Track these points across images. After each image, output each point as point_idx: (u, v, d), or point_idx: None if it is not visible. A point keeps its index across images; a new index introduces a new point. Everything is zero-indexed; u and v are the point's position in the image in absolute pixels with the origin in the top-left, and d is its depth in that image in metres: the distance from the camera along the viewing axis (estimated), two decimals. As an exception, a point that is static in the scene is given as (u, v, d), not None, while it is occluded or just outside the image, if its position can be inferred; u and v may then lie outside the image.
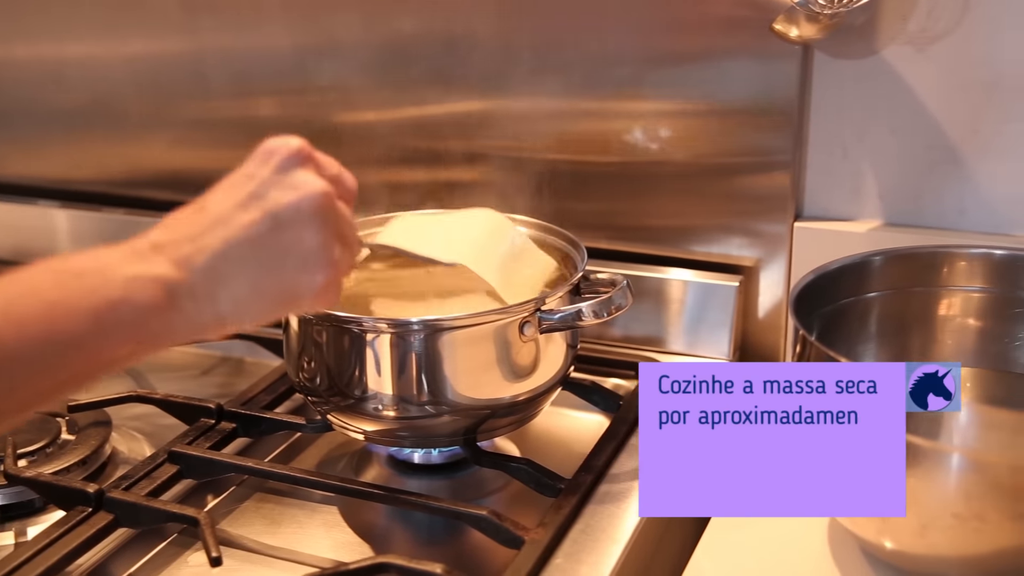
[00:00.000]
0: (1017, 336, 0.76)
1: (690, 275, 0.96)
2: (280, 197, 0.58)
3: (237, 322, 0.59)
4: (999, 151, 0.88)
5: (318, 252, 0.59)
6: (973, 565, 0.64)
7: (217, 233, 0.57)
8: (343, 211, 0.62)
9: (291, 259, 0.59)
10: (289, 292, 0.60)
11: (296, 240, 0.58)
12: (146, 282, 0.54)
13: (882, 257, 0.76)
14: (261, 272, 0.58)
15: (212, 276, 0.57)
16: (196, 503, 0.79)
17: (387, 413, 0.76)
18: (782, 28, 0.84)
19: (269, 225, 0.58)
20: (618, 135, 0.96)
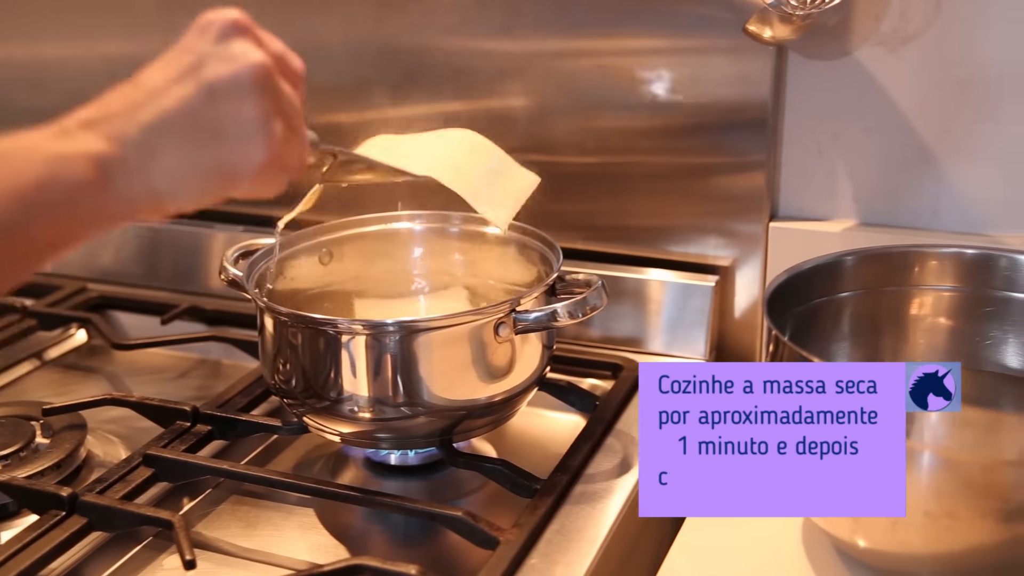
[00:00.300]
0: (988, 335, 0.77)
1: (666, 275, 0.96)
2: (216, 68, 0.56)
3: (173, 199, 0.57)
4: (971, 150, 0.88)
5: (256, 125, 0.57)
6: (945, 562, 0.64)
7: (151, 107, 0.55)
8: (285, 89, 0.59)
9: (227, 132, 0.57)
10: (226, 167, 0.57)
11: (232, 112, 0.56)
12: (75, 159, 0.53)
13: (854, 257, 0.77)
14: (196, 146, 0.56)
15: (145, 150, 0.55)
16: (172, 506, 0.79)
17: (363, 415, 0.76)
18: (756, 29, 0.85)
19: (204, 97, 0.56)
20: (594, 136, 0.96)
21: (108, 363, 1.04)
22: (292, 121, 0.60)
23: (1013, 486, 0.60)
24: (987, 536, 0.61)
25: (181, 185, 0.57)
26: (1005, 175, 0.88)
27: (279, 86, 0.58)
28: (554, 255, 0.83)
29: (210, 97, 0.56)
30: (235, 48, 0.57)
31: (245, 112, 0.56)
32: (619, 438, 0.83)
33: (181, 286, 1.13)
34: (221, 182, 0.58)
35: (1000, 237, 0.89)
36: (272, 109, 0.58)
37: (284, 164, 0.60)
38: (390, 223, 0.91)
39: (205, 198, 0.59)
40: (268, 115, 0.57)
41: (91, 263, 1.18)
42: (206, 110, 0.56)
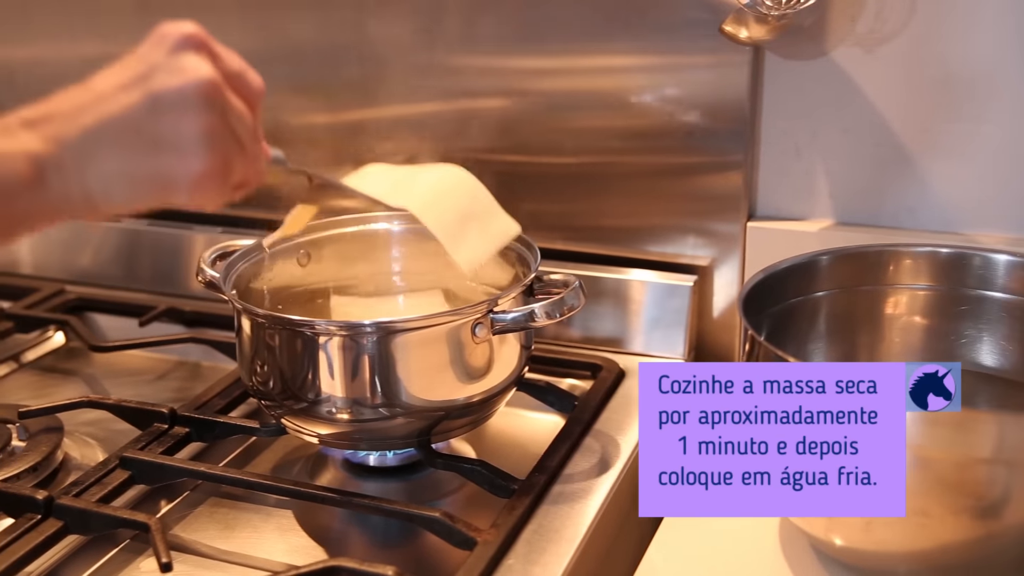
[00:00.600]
0: (963, 333, 0.77)
1: (645, 275, 0.96)
2: (164, 80, 0.57)
3: (107, 203, 0.58)
4: (947, 150, 0.89)
5: (196, 139, 0.57)
6: (919, 560, 0.64)
7: (94, 111, 0.56)
8: (236, 106, 0.60)
9: (166, 144, 0.57)
10: (161, 177, 0.58)
11: (173, 124, 0.57)
12: (13, 157, 0.54)
13: (829, 257, 0.77)
14: (133, 153, 0.57)
15: (82, 153, 0.56)
16: (149, 509, 0.78)
17: (341, 416, 0.76)
18: (732, 30, 0.85)
19: (147, 107, 0.56)
20: (572, 136, 0.97)
21: (86, 365, 1.03)
22: (242, 138, 0.61)
23: (986, 483, 0.60)
24: (961, 533, 0.61)
25: (115, 190, 0.58)
26: (980, 174, 0.89)
27: (228, 102, 0.59)
28: (532, 255, 0.83)
29: (153, 107, 0.56)
30: (185, 61, 0.57)
31: (186, 125, 0.57)
32: (597, 438, 0.83)
33: (160, 288, 1.13)
34: (156, 191, 0.59)
35: (976, 236, 0.89)
36: (216, 125, 0.58)
37: (227, 179, 0.61)
38: (368, 224, 0.91)
39: (139, 204, 0.60)
40: (211, 130, 0.58)
41: (70, 265, 1.17)
42: (148, 120, 0.57)
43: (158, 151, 0.57)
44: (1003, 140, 0.87)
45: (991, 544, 0.62)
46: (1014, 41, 0.85)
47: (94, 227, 1.16)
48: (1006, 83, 0.86)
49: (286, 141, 1.03)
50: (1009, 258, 0.75)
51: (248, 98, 0.61)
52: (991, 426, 0.60)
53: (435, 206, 0.79)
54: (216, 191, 0.60)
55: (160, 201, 0.59)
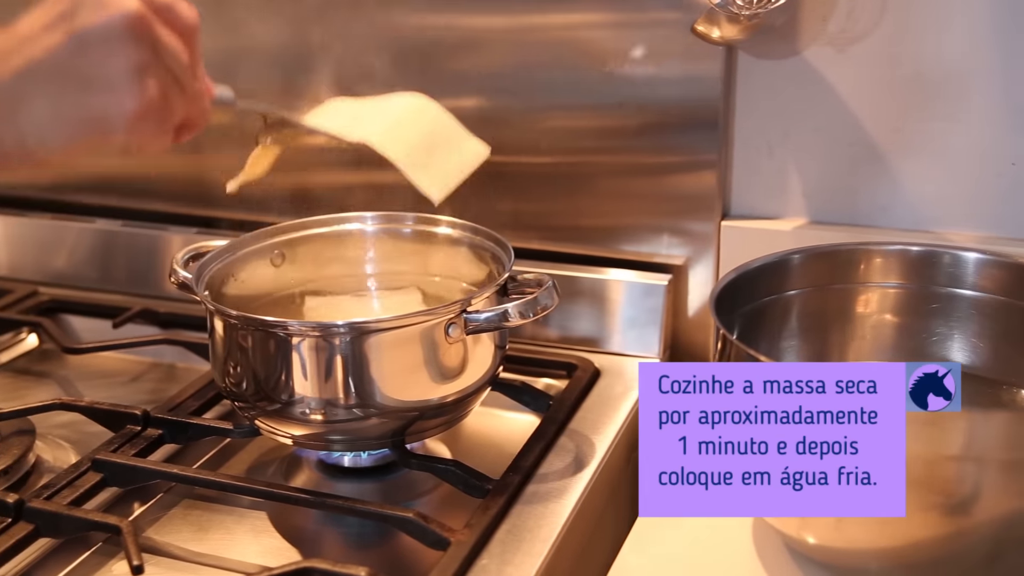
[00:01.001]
0: (934, 331, 0.77)
1: (620, 275, 0.97)
2: (87, 16, 0.55)
3: (41, 147, 0.57)
4: (919, 149, 0.89)
5: (126, 76, 0.56)
6: (890, 557, 0.65)
7: (21, 53, 0.55)
8: (167, 40, 0.58)
9: (96, 82, 0.56)
10: (95, 118, 0.57)
11: (101, 62, 0.56)
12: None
13: (801, 255, 0.77)
14: (64, 95, 0.56)
15: (12, 97, 0.55)
16: (122, 511, 0.78)
17: (314, 417, 0.76)
18: (704, 29, 0.85)
19: (74, 46, 0.55)
20: (547, 136, 0.97)
21: (60, 367, 1.03)
22: (178, 74, 0.59)
23: (956, 480, 0.60)
24: (931, 530, 0.62)
25: (49, 133, 0.57)
26: (952, 173, 0.89)
27: (158, 36, 0.57)
28: (506, 255, 0.83)
29: (79, 45, 0.55)
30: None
31: (115, 61, 0.56)
32: (572, 437, 0.84)
33: (136, 289, 1.12)
34: (91, 132, 0.58)
35: (948, 234, 0.90)
36: (147, 59, 0.57)
37: (166, 118, 0.59)
38: (342, 224, 0.90)
39: (75, 146, 0.58)
40: (141, 65, 0.56)
41: (44, 266, 1.17)
42: (75, 59, 0.55)
43: (89, 90, 0.56)
44: (974, 139, 0.88)
45: (961, 540, 0.62)
46: (985, 40, 0.85)
47: (69, 228, 1.16)
48: (977, 82, 0.86)
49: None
50: (979, 256, 0.76)
51: (182, 32, 0.60)
52: (961, 423, 0.60)
53: (396, 136, 0.77)
54: (155, 131, 0.59)
55: (97, 142, 0.58)
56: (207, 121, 0.65)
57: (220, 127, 0.73)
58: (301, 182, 1.04)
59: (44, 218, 1.16)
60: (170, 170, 1.12)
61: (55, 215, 1.16)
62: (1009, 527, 0.61)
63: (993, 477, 0.60)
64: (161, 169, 1.12)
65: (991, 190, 0.88)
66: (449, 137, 0.81)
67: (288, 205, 1.01)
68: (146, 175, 1.13)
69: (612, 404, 0.88)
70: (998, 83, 0.86)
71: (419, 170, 0.77)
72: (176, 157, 1.09)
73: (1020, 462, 0.60)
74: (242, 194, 0.82)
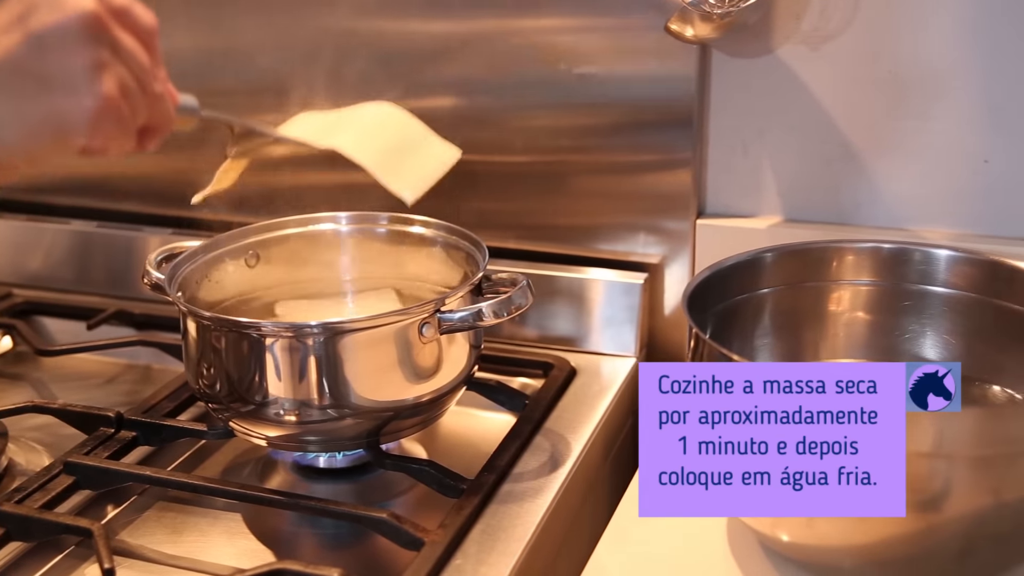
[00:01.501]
0: (907, 329, 0.78)
1: (596, 273, 0.97)
2: (44, 17, 0.55)
3: (2, 148, 0.57)
4: (893, 147, 0.90)
5: (84, 76, 0.56)
6: (862, 554, 0.65)
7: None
8: (126, 42, 0.58)
9: (54, 83, 0.56)
10: (55, 119, 0.57)
11: (59, 62, 0.56)
12: None
13: (773, 254, 0.77)
14: (23, 96, 0.56)
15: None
16: (95, 514, 0.77)
17: (289, 418, 0.76)
18: (677, 28, 0.85)
19: (30, 47, 0.55)
20: (523, 135, 0.97)
21: (34, 370, 1.02)
22: (138, 76, 0.59)
23: (926, 477, 0.61)
24: (902, 527, 0.62)
25: (8, 134, 0.57)
26: (926, 171, 0.90)
27: (116, 37, 0.58)
28: (480, 254, 0.83)
29: (36, 46, 0.55)
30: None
31: (72, 61, 0.56)
32: (548, 436, 0.84)
33: (113, 291, 1.12)
34: (51, 133, 0.58)
35: (922, 232, 0.90)
36: (105, 59, 0.57)
37: (127, 121, 0.59)
38: (316, 224, 0.90)
39: (37, 148, 0.58)
40: (98, 64, 0.56)
41: (20, 268, 1.16)
42: (31, 60, 0.55)
43: (48, 91, 0.56)
44: (948, 137, 0.88)
45: (932, 537, 0.62)
46: (958, 38, 0.86)
47: (45, 229, 1.15)
48: (951, 80, 0.87)
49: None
50: (950, 253, 0.76)
51: (140, 35, 0.60)
52: (931, 420, 0.60)
53: (365, 142, 0.79)
54: (117, 132, 0.59)
55: (59, 145, 0.58)
56: (171, 126, 0.65)
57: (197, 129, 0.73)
58: (274, 182, 1.03)
59: (19, 219, 1.16)
60: (145, 170, 1.11)
61: (30, 216, 1.15)
62: (980, 523, 0.61)
63: (964, 474, 0.60)
64: (133, 168, 1.11)
65: (965, 188, 0.89)
66: (418, 141, 0.82)
67: (262, 205, 1.00)
68: (119, 175, 1.13)
69: (588, 403, 0.88)
70: (972, 81, 0.86)
71: (390, 173, 0.78)
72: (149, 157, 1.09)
73: (990, 458, 0.60)
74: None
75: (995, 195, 0.88)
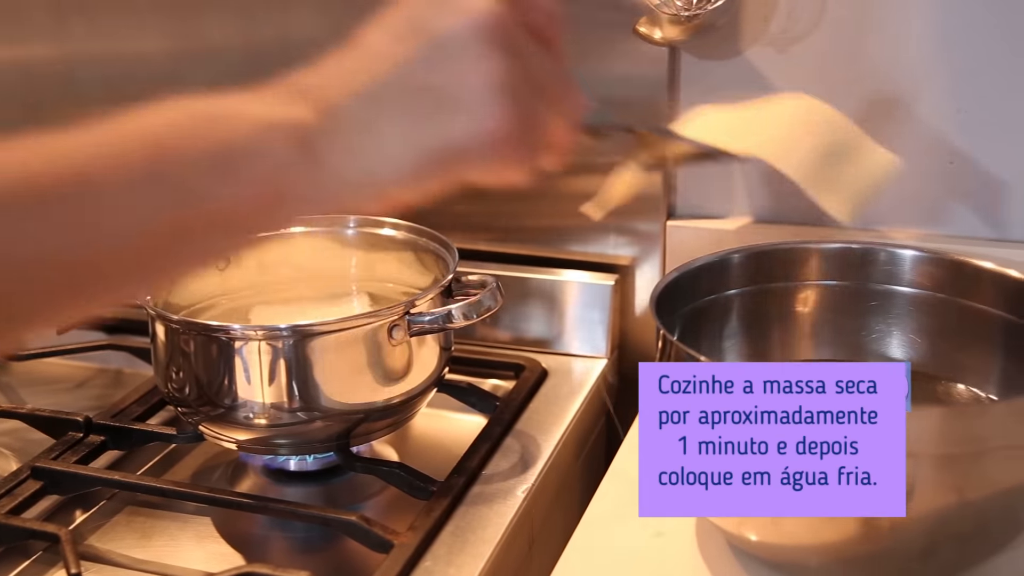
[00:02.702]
0: (873, 328, 0.78)
1: (567, 275, 0.97)
2: (437, 21, 0.47)
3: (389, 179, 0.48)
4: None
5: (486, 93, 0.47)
6: (828, 552, 0.65)
7: (363, 69, 0.47)
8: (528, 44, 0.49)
9: (451, 102, 0.47)
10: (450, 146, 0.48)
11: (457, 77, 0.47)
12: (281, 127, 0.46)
13: (741, 255, 0.78)
14: (414, 119, 0.47)
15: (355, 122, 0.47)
16: (64, 519, 0.77)
17: (259, 421, 0.76)
18: (646, 31, 0.85)
19: (423, 56, 0.47)
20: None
21: (3, 374, 1.01)
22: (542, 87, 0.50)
23: (890, 476, 0.61)
24: (867, 525, 0.62)
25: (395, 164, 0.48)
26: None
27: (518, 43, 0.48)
28: (450, 256, 0.83)
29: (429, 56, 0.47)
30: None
31: (472, 76, 0.47)
32: (518, 438, 0.84)
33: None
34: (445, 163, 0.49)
35: (889, 232, 0.91)
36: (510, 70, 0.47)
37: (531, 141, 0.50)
38: (287, 227, 0.90)
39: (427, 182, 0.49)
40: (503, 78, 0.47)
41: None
42: (425, 73, 0.47)
43: (441, 112, 0.47)
44: (914, 138, 0.88)
45: (896, 536, 0.63)
46: (924, 39, 0.86)
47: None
48: (917, 82, 0.87)
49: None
50: (915, 253, 0.76)
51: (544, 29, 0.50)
52: (895, 419, 0.61)
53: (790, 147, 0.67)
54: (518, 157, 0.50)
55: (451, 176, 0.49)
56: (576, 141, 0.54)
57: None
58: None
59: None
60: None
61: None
62: (943, 522, 0.62)
63: (927, 473, 0.61)
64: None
65: (931, 188, 0.89)
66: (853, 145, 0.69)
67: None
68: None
69: (560, 404, 0.89)
70: (937, 83, 0.87)
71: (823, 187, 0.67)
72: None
73: (954, 457, 0.60)
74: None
75: (960, 196, 0.89)
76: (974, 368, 0.75)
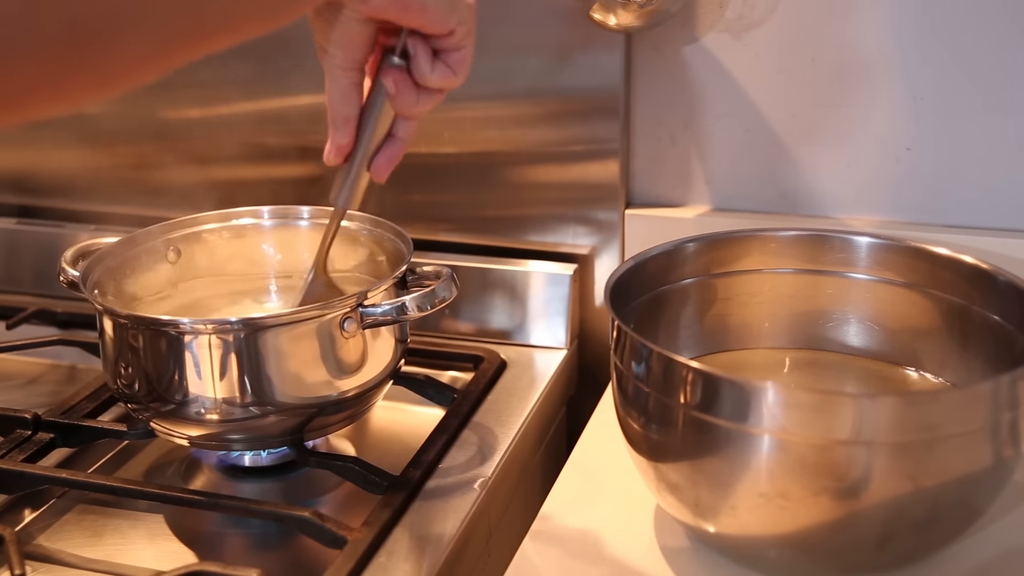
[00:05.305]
0: (831, 316, 0.78)
1: (526, 265, 0.96)
2: None
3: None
4: (817, 135, 0.90)
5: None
6: (784, 542, 0.65)
7: None
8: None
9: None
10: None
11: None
12: None
13: (696, 243, 0.77)
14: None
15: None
16: (12, 518, 0.76)
17: (210, 416, 0.74)
18: (600, 17, 0.85)
19: None
20: (451, 127, 0.96)
21: (-48, 372, 1.00)
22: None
23: (845, 464, 0.61)
24: (822, 515, 0.62)
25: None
26: (852, 158, 0.90)
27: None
28: (406, 247, 0.82)
29: None
30: None
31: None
32: (476, 430, 0.83)
33: (37, 289, 1.09)
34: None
35: (847, 219, 0.91)
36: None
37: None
38: (237, 219, 0.89)
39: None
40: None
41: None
42: None
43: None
44: (872, 124, 0.88)
45: (852, 524, 0.62)
46: (881, 26, 0.86)
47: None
48: (874, 68, 0.87)
49: (190, 136, 1.01)
50: (871, 240, 0.76)
51: None
52: (850, 408, 0.60)
53: None
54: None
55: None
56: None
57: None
58: (208, 177, 1.02)
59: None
60: (67, 166, 1.09)
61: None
62: (898, 510, 0.61)
63: (882, 461, 0.60)
64: (79, 164, 1.09)
65: (888, 175, 0.89)
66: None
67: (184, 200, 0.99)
68: (61, 171, 1.10)
69: (518, 395, 0.88)
70: (894, 69, 0.87)
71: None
72: (71, 152, 1.07)
73: (908, 444, 0.60)
74: (139, 187, 0.80)
75: (917, 182, 0.89)
76: (930, 355, 0.75)
